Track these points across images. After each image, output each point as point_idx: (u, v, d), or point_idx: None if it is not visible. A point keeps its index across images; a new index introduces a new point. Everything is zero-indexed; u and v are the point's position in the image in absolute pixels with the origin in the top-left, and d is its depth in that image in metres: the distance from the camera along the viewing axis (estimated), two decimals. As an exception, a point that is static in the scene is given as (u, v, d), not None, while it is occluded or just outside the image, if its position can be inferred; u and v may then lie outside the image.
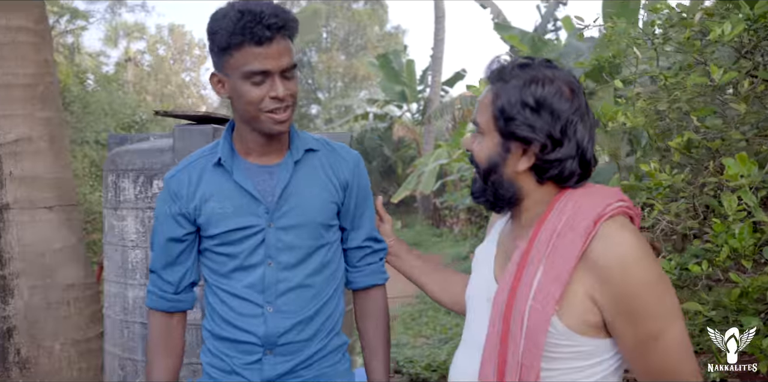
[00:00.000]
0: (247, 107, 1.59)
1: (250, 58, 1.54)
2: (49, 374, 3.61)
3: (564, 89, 1.32)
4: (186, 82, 35.16)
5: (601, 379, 1.31)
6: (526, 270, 1.31)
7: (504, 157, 1.36)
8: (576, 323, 1.26)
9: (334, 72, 28.46)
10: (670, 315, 1.25)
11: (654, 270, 1.25)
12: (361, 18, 28.55)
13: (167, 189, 1.75)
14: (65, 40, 23.95)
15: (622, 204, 1.31)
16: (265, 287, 1.69)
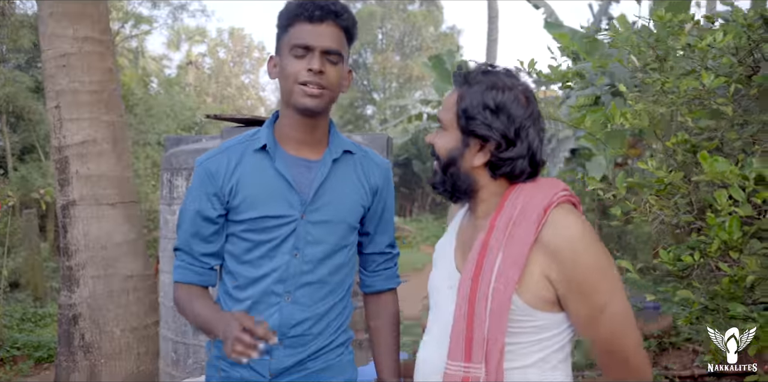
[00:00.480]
0: (285, 81, 1.67)
1: (299, 32, 1.65)
2: (110, 357, 3.92)
3: (521, 97, 1.48)
4: (245, 84, 35.78)
5: (555, 351, 1.48)
6: (487, 257, 1.46)
7: (462, 152, 1.51)
8: (534, 300, 1.43)
9: (389, 73, 28.64)
10: (613, 289, 1.43)
11: (598, 249, 1.42)
12: (416, 19, 28.66)
13: (204, 170, 1.76)
14: (130, 44, 24.75)
15: (566, 193, 1.49)
16: (288, 276, 1.73)
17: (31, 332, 7.22)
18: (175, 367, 3.29)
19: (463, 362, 1.47)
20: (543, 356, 1.47)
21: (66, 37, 3.91)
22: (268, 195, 1.71)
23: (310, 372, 1.78)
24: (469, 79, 1.52)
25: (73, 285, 3.96)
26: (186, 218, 1.78)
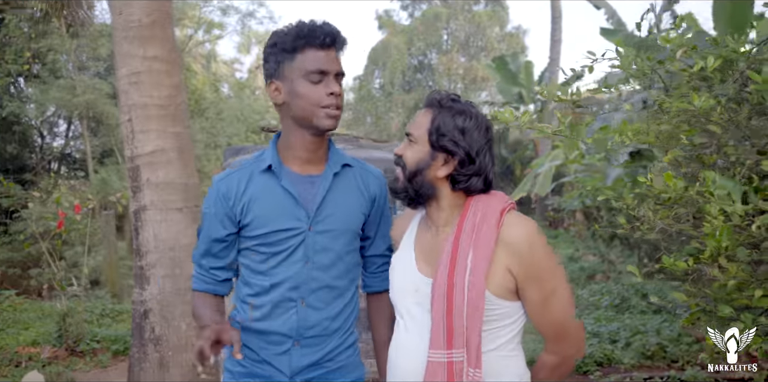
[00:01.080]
0: (305, 105, 1.81)
1: (313, 59, 1.79)
2: (177, 349, 4.28)
3: (482, 125, 1.77)
4: (313, 86, 36.27)
5: (515, 335, 1.78)
6: (459, 256, 1.71)
7: (429, 164, 1.77)
8: (498, 290, 1.70)
9: (454, 74, 28.73)
10: (560, 275, 1.77)
11: (546, 243, 1.74)
12: (480, 19, 28.65)
13: (216, 191, 1.93)
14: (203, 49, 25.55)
15: (512, 202, 1.81)
16: (301, 283, 1.89)
17: (109, 326, 7.72)
18: (233, 358, 3.62)
19: (445, 350, 1.70)
20: (506, 339, 1.76)
21: (137, 56, 4.29)
22: (278, 211, 1.87)
23: (326, 371, 1.95)
24: (442, 103, 1.79)
25: (144, 283, 4.34)
26: (201, 237, 1.99)
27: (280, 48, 1.82)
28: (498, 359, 1.75)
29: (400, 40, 28.58)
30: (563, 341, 1.79)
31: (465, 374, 1.68)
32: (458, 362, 1.69)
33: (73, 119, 18.86)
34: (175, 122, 4.41)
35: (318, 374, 1.95)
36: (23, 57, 16.91)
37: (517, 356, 1.80)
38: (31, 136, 19.45)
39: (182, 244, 4.32)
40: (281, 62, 1.83)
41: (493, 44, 28.80)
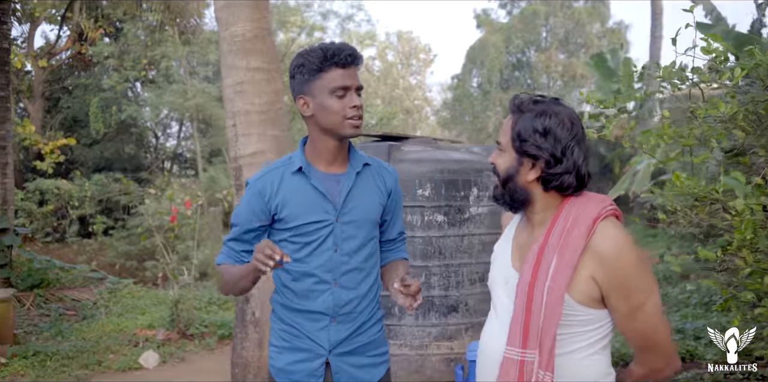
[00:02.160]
0: (333, 117, 2.05)
1: (337, 77, 2.03)
2: (275, 330, 4.75)
3: (566, 121, 1.74)
4: (412, 85, 36.62)
5: (596, 341, 1.77)
6: (544, 259, 1.72)
7: (518, 170, 1.78)
8: (581, 297, 1.71)
9: (552, 71, 28.41)
10: (649, 289, 1.72)
11: (637, 256, 1.69)
12: (580, 16, 28.19)
13: (254, 188, 2.17)
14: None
15: (611, 208, 1.76)
16: (333, 267, 2.14)
17: (215, 313, 8.32)
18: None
19: (519, 348, 1.73)
20: (586, 344, 1.76)
21: (241, 68, 4.78)
22: (309, 207, 2.13)
23: (358, 345, 2.20)
24: (521, 107, 1.80)
25: (246, 272, 4.82)
26: (236, 228, 2.23)
27: (308, 68, 2.06)
28: (576, 361, 1.76)
29: (498, 38, 28.50)
30: (649, 354, 1.78)
31: (535, 375, 1.71)
32: (530, 363, 1.72)
33: (184, 121, 19.95)
34: (274, 126, 4.87)
35: (352, 349, 2.19)
36: (140, 64, 18.09)
37: (598, 361, 1.79)
38: (147, 138, 20.73)
39: (279, 236, 4.78)
40: (308, 80, 2.07)
41: (594, 41, 28.26)
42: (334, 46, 2.06)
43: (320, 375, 2.15)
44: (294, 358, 2.17)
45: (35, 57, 18.57)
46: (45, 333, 7.35)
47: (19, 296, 8.59)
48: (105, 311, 8.36)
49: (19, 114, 19.14)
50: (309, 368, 2.16)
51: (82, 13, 17.59)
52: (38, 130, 17.81)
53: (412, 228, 3.80)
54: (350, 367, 2.18)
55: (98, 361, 6.32)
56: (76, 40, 18.62)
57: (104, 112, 18.03)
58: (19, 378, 5.89)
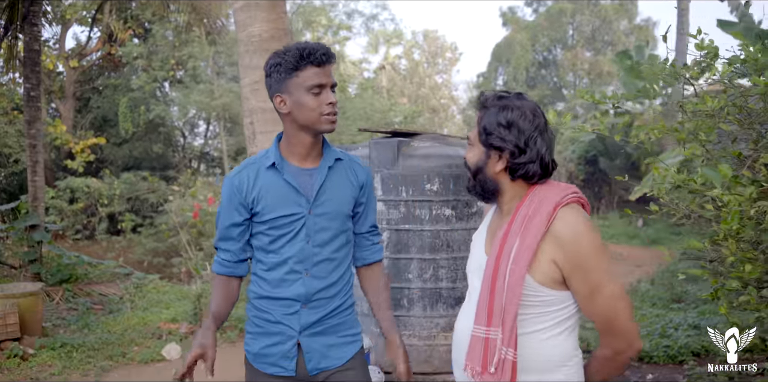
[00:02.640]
0: (309, 113, 2.10)
1: (313, 76, 2.08)
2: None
3: (527, 114, 1.84)
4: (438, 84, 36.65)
5: (559, 322, 1.85)
6: (507, 243, 1.83)
7: (486, 162, 1.90)
8: (543, 279, 1.80)
9: (579, 69, 28.28)
10: (607, 273, 1.80)
11: (596, 241, 1.79)
12: (607, 13, 28.03)
13: (231, 185, 2.24)
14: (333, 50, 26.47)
15: (575, 195, 1.85)
16: (305, 258, 2.22)
17: (237, 308, 8.46)
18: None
19: (485, 326, 1.85)
20: (550, 325, 1.84)
21: (257, 68, 4.90)
22: (282, 200, 2.20)
23: (329, 326, 2.28)
24: (486, 103, 1.92)
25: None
26: (220, 226, 2.31)
27: (285, 67, 2.10)
28: (539, 341, 1.84)
29: (524, 36, 28.46)
30: (611, 336, 1.84)
31: (498, 351, 1.80)
32: (493, 339, 1.82)
33: (211, 120, 20.23)
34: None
35: (322, 329, 2.27)
36: (168, 64, 18.40)
37: (563, 341, 1.87)
38: (175, 137, 21.06)
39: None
40: (285, 79, 2.12)
41: (621, 38, 28.08)
42: (309, 45, 2.11)
43: (293, 355, 2.24)
44: (268, 342, 2.26)
45: (66, 58, 18.98)
46: (72, 326, 7.57)
47: (49, 291, 8.84)
48: (130, 305, 8.57)
49: (51, 114, 19.58)
50: (282, 350, 2.24)
51: (112, 15, 17.94)
52: (69, 130, 18.22)
53: (420, 222, 3.89)
54: (321, 346, 2.26)
55: (122, 353, 6.51)
56: (106, 41, 19.00)
57: (133, 112, 18.37)
58: (46, 368, 6.10)
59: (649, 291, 8.75)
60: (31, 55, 9.83)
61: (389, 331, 2.37)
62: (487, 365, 1.83)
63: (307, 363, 2.25)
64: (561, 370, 1.86)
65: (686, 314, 7.09)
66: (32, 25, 9.84)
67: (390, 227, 3.92)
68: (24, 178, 13.78)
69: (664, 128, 2.53)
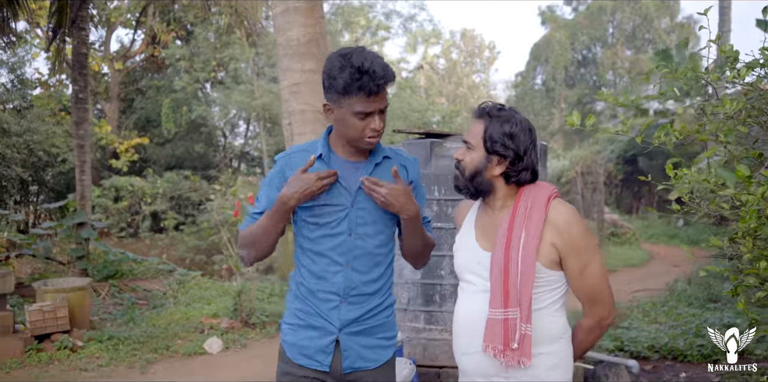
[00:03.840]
0: (352, 132, 2.12)
1: (361, 104, 2.06)
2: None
3: (525, 129, 2.12)
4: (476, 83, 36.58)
5: (558, 298, 2.15)
6: (514, 233, 2.09)
7: (486, 166, 2.13)
8: (546, 261, 2.09)
9: (619, 68, 28.01)
10: (594, 251, 2.13)
11: (584, 225, 2.12)
12: (648, 11, 27.70)
13: (278, 166, 2.27)
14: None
15: (556, 190, 2.16)
16: (346, 250, 2.21)
17: (276, 304, 8.68)
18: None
19: (502, 308, 2.08)
20: (552, 301, 2.13)
21: (296, 70, 5.07)
22: (328, 190, 2.19)
23: (368, 327, 2.27)
24: (490, 113, 2.15)
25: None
26: (259, 201, 2.31)
27: (336, 87, 2.08)
28: (544, 316, 2.11)
29: (563, 35, 28.27)
30: (596, 304, 2.15)
31: (518, 328, 2.05)
32: (512, 319, 2.06)
33: (251, 120, 20.54)
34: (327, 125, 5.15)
35: (362, 329, 2.26)
36: (210, 65, 18.75)
37: (560, 316, 2.16)
38: (216, 137, 21.41)
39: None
40: (335, 94, 2.11)
41: (662, 36, 27.72)
42: (366, 70, 2.03)
43: (330, 352, 2.23)
44: (307, 334, 2.26)
45: (111, 60, 19.46)
46: (118, 320, 7.85)
47: (96, 286, 9.15)
48: (173, 300, 8.84)
49: (96, 115, 20.08)
50: (320, 345, 2.24)
51: (155, 17, 18.36)
52: (114, 130, 18.68)
53: (452, 220, 4.00)
54: (359, 346, 2.26)
55: (166, 346, 6.75)
56: (149, 44, 19.44)
57: (175, 113, 18.75)
58: (94, 360, 6.35)
59: (686, 291, 8.74)
60: (79, 59, 10.16)
61: None
62: (509, 342, 2.06)
63: (343, 361, 2.24)
64: (560, 341, 2.16)
65: (722, 314, 7.09)
66: (80, 29, 10.17)
67: (423, 225, 4.04)
68: (71, 177, 14.22)
69: (685, 130, 2.61)
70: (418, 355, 4.11)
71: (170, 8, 18.18)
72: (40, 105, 17.03)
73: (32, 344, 6.42)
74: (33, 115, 15.47)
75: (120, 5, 18.59)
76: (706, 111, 2.48)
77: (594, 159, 20.30)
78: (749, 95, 2.59)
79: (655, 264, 13.35)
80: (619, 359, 5.38)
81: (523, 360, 2.06)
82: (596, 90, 28.99)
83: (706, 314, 7.22)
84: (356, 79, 2.03)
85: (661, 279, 10.28)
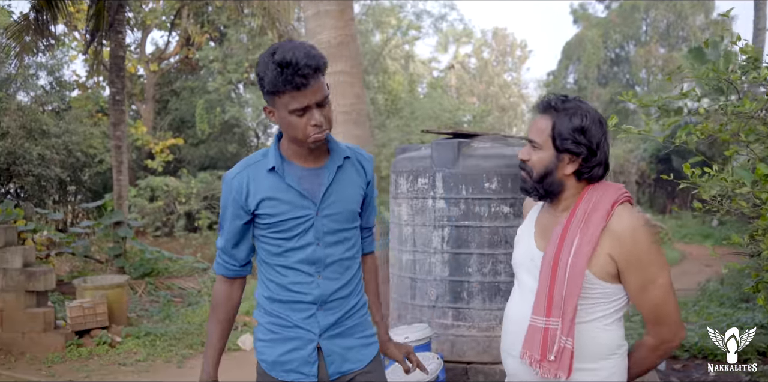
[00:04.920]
0: (295, 132, 1.98)
1: (293, 100, 1.91)
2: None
3: (596, 120, 1.92)
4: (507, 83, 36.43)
5: (612, 312, 1.95)
6: (567, 238, 1.90)
7: (557, 165, 1.94)
8: (600, 273, 1.89)
9: (653, 66, 27.69)
10: (661, 267, 1.89)
11: (650, 236, 1.87)
12: (683, 8, 27.35)
13: (230, 187, 2.09)
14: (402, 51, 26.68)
15: (627, 195, 1.94)
16: (316, 260, 2.10)
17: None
18: (398, 320, 4.36)
19: (544, 317, 1.91)
20: (602, 315, 1.94)
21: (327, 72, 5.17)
22: (286, 204, 2.07)
23: (347, 328, 2.18)
24: (556, 106, 1.95)
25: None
26: (226, 227, 2.16)
27: (266, 87, 1.95)
28: (593, 329, 1.94)
29: (595, 33, 28.05)
30: (659, 326, 1.94)
31: (558, 340, 1.88)
32: (553, 329, 1.89)
33: (283, 121, 20.67)
34: (357, 125, 5.25)
35: (341, 331, 2.17)
36: (242, 66, 18.96)
37: (613, 331, 1.96)
38: (249, 137, 21.65)
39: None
40: (269, 96, 1.99)
41: (696, 33, 27.34)
42: (289, 62, 1.88)
43: (314, 360, 2.13)
44: (285, 348, 2.14)
45: (147, 62, 19.80)
46: (155, 317, 8.05)
47: (132, 284, 9.37)
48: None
49: (132, 116, 20.44)
50: (302, 356, 2.13)
51: (190, 19, 18.64)
52: (149, 131, 19.01)
53: (480, 219, 4.07)
54: (341, 349, 2.18)
55: (201, 342, 6.90)
56: (183, 45, 19.74)
57: (209, 113, 19.00)
58: (132, 355, 6.53)
59: (718, 290, 8.69)
60: (116, 61, 10.40)
61: (385, 335, 2.38)
62: (546, 353, 1.90)
63: (329, 367, 2.16)
64: (611, 358, 1.97)
65: (754, 314, 7.05)
66: (117, 33, 10.41)
67: (451, 224, 4.11)
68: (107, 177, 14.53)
69: (707, 129, 2.66)
70: (446, 351, 4.18)
71: (204, 10, 18.45)
72: (78, 106, 17.39)
73: (73, 339, 6.63)
74: (71, 117, 15.80)
75: (155, 8, 18.90)
76: (727, 111, 2.53)
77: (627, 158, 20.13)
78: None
79: (687, 264, 13.24)
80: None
81: (560, 374, 1.90)
82: (629, 89, 28.70)
83: (738, 314, 7.18)
84: (280, 74, 1.89)
85: (694, 279, 10.21)
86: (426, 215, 4.16)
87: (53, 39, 11.18)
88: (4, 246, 6.62)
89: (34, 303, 6.63)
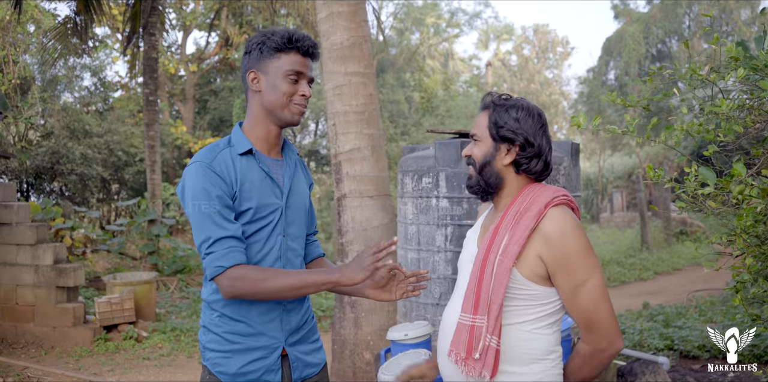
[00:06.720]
0: (280, 97, 2.01)
1: (295, 62, 2.01)
2: (368, 311, 5.20)
3: (533, 113, 1.95)
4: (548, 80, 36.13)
5: (542, 316, 1.92)
6: (498, 237, 1.90)
7: (494, 155, 1.96)
8: (529, 274, 1.87)
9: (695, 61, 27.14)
10: (591, 270, 1.85)
11: (581, 240, 1.86)
12: (727, 2, 26.79)
13: (212, 171, 1.96)
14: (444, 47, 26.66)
15: (565, 198, 1.93)
16: (282, 252, 2.08)
17: (331, 299, 8.92)
18: (404, 318, 4.43)
19: (471, 314, 1.90)
20: (532, 318, 1.91)
21: (339, 73, 5.27)
22: (261, 189, 2.04)
23: (305, 333, 2.18)
24: (495, 102, 2.00)
25: (344, 257, 5.32)
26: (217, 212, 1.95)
27: (268, 46, 2.01)
28: (521, 332, 1.91)
29: (636, 28, 27.62)
30: (593, 333, 1.87)
31: (483, 338, 1.87)
32: (479, 327, 1.88)
33: (320, 120, 20.92)
34: (369, 125, 5.32)
35: (300, 337, 2.15)
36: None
37: (545, 335, 1.92)
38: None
39: (374, 225, 5.23)
40: (266, 58, 2.03)
41: (742, 28, 26.76)
42: (299, 33, 2.03)
43: (278, 368, 2.06)
44: (248, 359, 2.03)
45: (187, 62, 20.18)
46: (182, 313, 8.25)
47: (165, 280, 9.60)
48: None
49: (173, 116, 20.85)
50: (266, 365, 2.05)
51: (228, 20, 18.94)
52: (189, 131, 19.37)
53: (482, 218, 4.13)
54: (302, 354, 2.15)
55: (225, 337, 7.06)
56: (222, 46, 20.05)
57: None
58: (156, 349, 6.72)
59: (747, 290, 8.54)
60: (150, 63, 10.66)
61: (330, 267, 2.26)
62: (471, 350, 1.88)
63: (294, 373, 2.11)
64: (541, 363, 1.92)
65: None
66: (150, 35, 10.67)
67: (453, 223, 4.17)
68: (148, 176, 14.86)
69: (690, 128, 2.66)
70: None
71: (242, 11, 18.72)
72: (120, 107, 17.82)
73: (101, 333, 6.86)
74: (113, 117, 16.23)
75: (195, 9, 19.26)
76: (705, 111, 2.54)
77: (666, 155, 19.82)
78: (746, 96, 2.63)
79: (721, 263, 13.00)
80: (650, 356, 5.37)
81: (485, 373, 1.86)
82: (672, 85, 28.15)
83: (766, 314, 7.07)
84: (293, 37, 2.01)
85: (726, 278, 10.05)
86: (430, 214, 4.21)
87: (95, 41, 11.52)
88: (36, 243, 6.87)
89: (65, 299, 6.87)
